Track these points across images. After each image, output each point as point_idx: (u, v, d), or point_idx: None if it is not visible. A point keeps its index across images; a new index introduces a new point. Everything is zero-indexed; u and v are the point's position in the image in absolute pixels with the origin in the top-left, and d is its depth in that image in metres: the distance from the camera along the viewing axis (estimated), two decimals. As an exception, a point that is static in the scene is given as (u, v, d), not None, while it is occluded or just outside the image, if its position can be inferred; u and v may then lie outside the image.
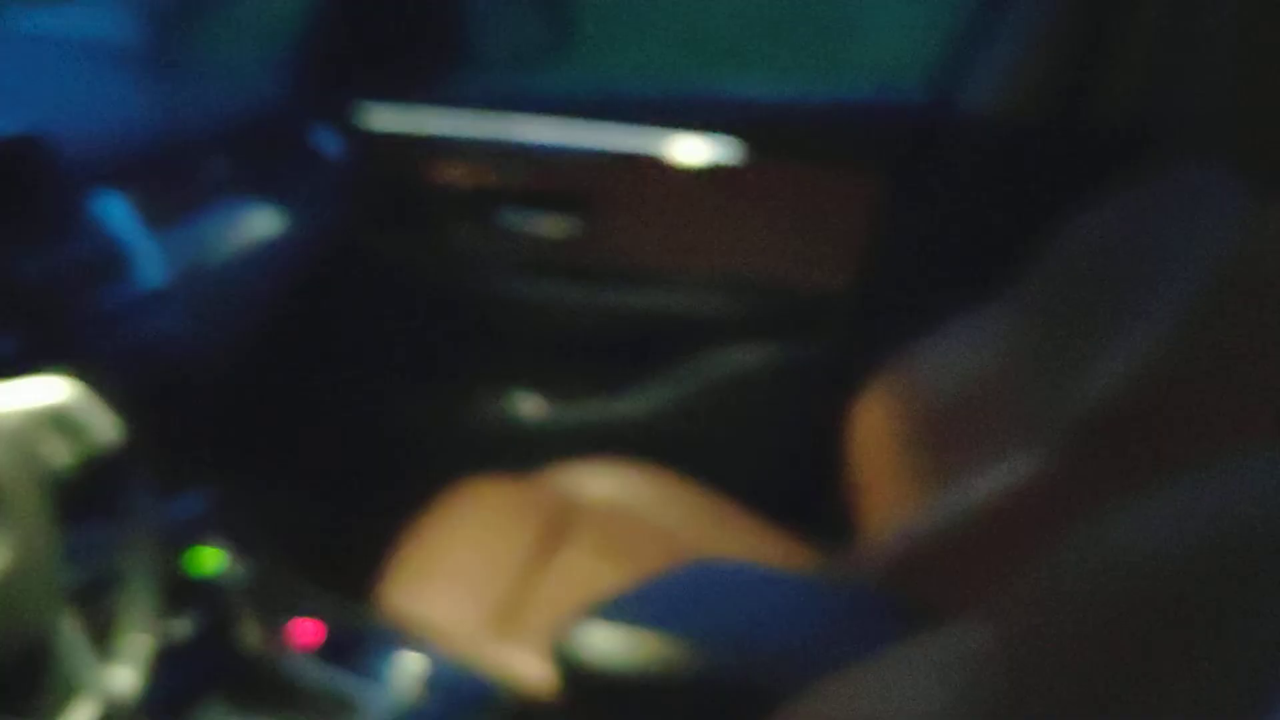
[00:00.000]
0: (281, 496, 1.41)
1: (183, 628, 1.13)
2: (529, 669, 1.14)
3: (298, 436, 1.53)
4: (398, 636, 1.18)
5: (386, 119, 1.58)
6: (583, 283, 1.56)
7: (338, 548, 1.37)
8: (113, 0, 1.55)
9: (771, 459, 1.48)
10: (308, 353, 1.53)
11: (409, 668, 1.12)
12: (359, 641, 1.20)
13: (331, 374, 1.50)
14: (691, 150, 1.49)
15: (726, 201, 1.49)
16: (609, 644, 0.91)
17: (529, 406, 1.59)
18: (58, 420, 0.79)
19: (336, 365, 1.59)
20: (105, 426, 0.82)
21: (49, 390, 0.80)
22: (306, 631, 1.20)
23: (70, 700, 0.75)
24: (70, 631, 0.77)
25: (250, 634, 1.14)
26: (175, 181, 1.30)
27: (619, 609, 0.96)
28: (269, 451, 1.45)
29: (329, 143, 1.56)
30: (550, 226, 1.55)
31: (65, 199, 1.10)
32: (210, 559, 1.14)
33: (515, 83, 1.68)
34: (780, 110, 1.59)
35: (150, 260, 1.16)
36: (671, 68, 2.36)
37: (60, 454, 0.78)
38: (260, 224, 1.41)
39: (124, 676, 0.80)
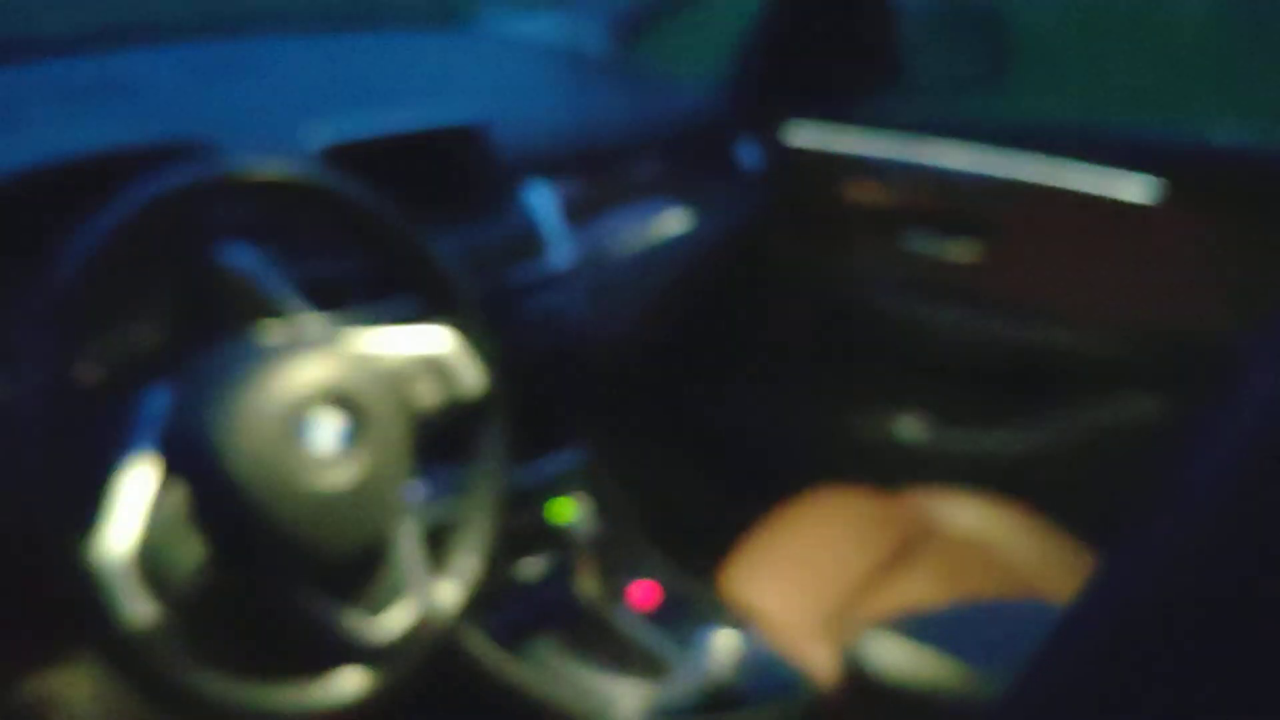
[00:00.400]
0: (650, 468, 1.53)
1: (533, 568, 1.29)
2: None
3: (675, 418, 1.64)
4: (726, 616, 1.25)
5: (809, 136, 1.65)
6: (976, 309, 1.54)
7: (693, 525, 1.47)
8: (579, 11, 1.74)
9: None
10: (699, 343, 1.64)
11: (728, 646, 1.19)
12: (689, 613, 1.29)
13: (719, 366, 1.59)
14: (1105, 187, 1.42)
15: (1134, 243, 1.41)
16: (890, 655, 0.92)
17: (904, 425, 1.59)
18: (432, 366, 0.94)
19: (725, 359, 1.69)
20: (473, 379, 0.97)
21: (432, 340, 0.95)
22: (643, 593, 1.31)
23: (396, 600, 0.90)
24: (408, 541, 0.91)
25: (590, 585, 1.26)
26: (600, 178, 1.45)
27: (917, 625, 0.97)
28: (645, 425, 1.57)
29: (752, 155, 1.66)
30: (952, 251, 1.54)
31: (496, 184, 1.28)
32: (569, 511, 1.28)
33: (939, 108, 1.68)
34: (1203, 155, 1.47)
35: (561, 245, 1.32)
36: (1106, 102, 2.22)
37: (428, 395, 0.93)
38: (673, 223, 1.53)
39: (448, 590, 0.93)
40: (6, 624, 0.93)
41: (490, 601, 1.27)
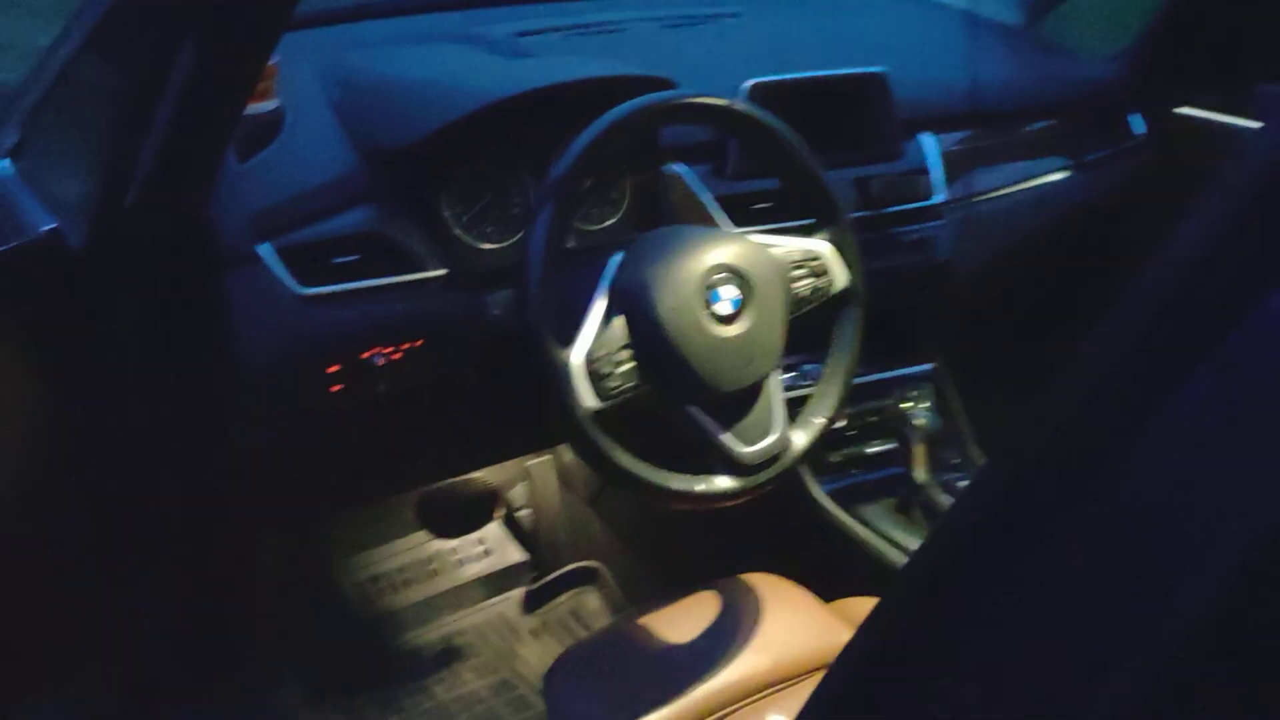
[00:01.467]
0: (986, 389, 1.70)
1: (881, 447, 1.55)
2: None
3: (1017, 349, 1.79)
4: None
5: (1198, 114, 1.73)
6: None
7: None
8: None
9: None
10: (1054, 287, 1.77)
11: None
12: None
13: (1068, 311, 1.70)
14: None
15: None
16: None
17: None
18: (810, 263, 1.21)
19: (1076, 305, 1.80)
20: (841, 278, 1.23)
21: (813, 245, 1.22)
22: (962, 479, 1.54)
23: (761, 435, 1.15)
24: (775, 392, 1.17)
25: (922, 471, 1.50)
26: (989, 133, 1.63)
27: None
28: (989, 351, 1.74)
29: (1140, 127, 1.77)
30: None
31: (892, 127, 1.50)
32: (914, 408, 1.52)
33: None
34: None
35: (941, 186, 1.54)
36: None
37: (804, 284, 1.20)
38: (1053, 179, 1.69)
39: (800, 436, 1.20)
40: (506, 410, 1.31)
41: (840, 469, 1.55)
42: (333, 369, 1.17)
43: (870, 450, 1.56)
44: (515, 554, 1.96)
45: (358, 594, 1.82)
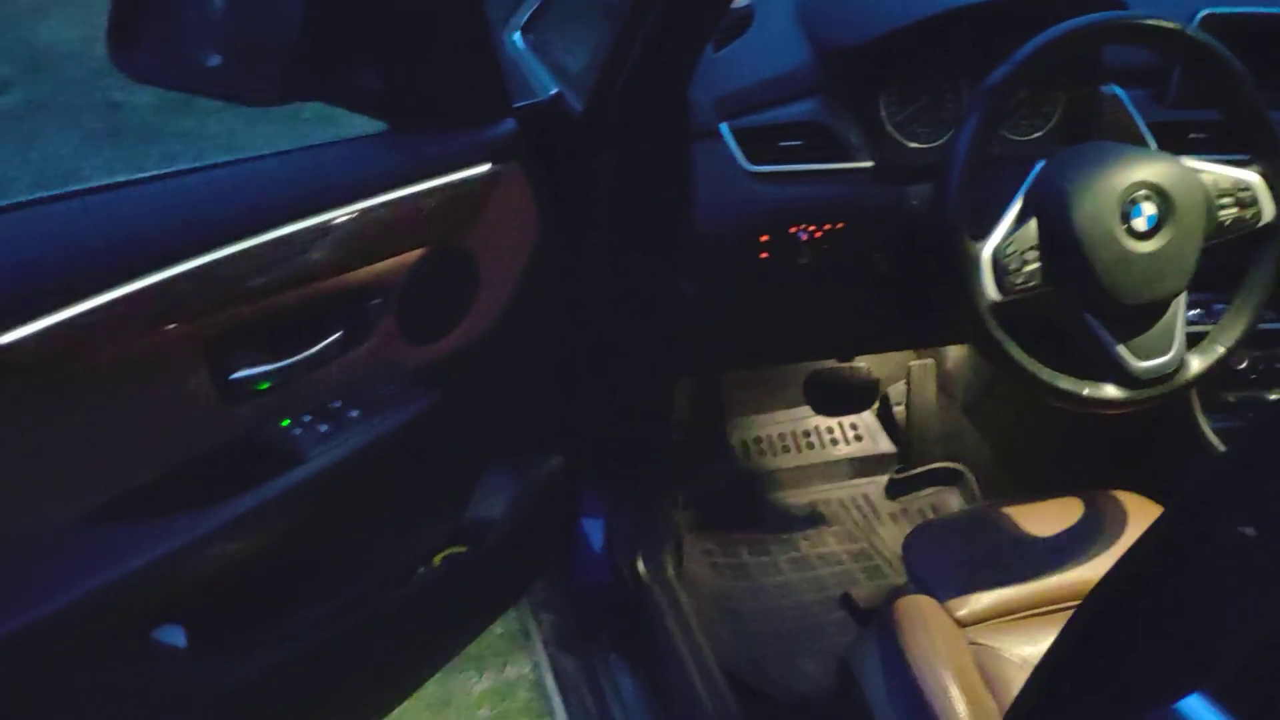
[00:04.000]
0: None
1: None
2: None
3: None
4: None
5: None
6: None
7: None
8: None
9: None
10: None
11: None
12: None
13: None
14: None
15: None
16: None
17: None
18: (1239, 193, 1.21)
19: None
20: (1268, 212, 1.22)
21: (1246, 176, 1.22)
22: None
23: (1155, 353, 1.19)
24: (1178, 314, 1.20)
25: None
26: None
27: None
28: None
29: None
30: None
31: None
32: None
33: None
34: None
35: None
36: None
37: (1227, 214, 1.21)
38: None
39: (1195, 362, 1.22)
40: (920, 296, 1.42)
41: (1233, 409, 1.53)
42: (763, 238, 1.34)
43: (1270, 397, 1.53)
44: (885, 444, 2.09)
45: (742, 449, 2.03)
